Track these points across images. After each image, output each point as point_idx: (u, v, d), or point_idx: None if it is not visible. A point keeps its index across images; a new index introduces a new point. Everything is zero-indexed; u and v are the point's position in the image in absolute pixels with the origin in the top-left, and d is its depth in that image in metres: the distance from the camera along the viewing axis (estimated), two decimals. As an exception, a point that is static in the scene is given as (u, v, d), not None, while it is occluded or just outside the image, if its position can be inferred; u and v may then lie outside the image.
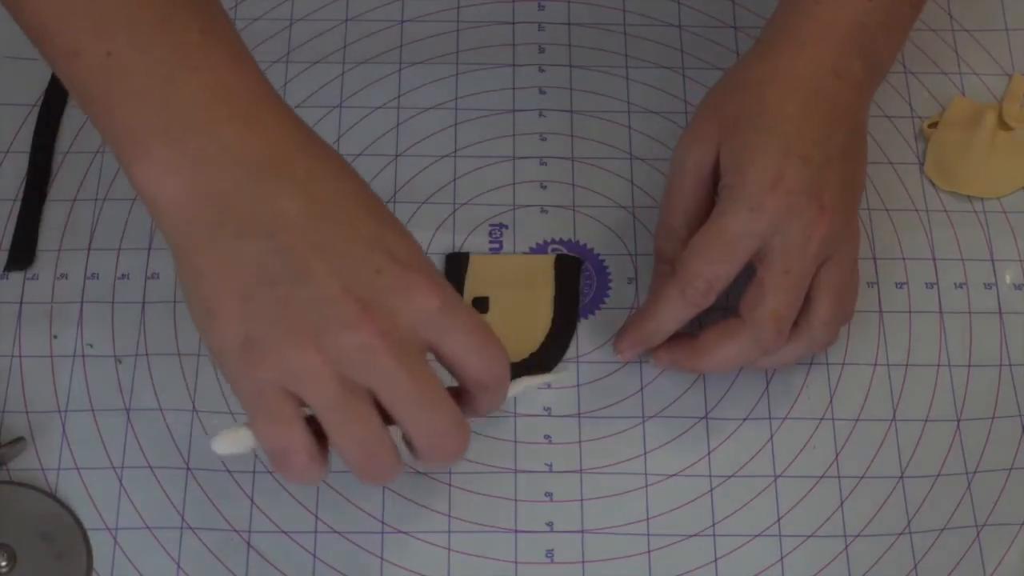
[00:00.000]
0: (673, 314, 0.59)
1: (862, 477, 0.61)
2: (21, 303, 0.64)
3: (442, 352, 0.51)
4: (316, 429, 0.50)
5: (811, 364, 0.64)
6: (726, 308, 0.59)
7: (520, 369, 0.63)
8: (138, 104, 0.50)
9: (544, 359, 0.63)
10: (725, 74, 0.61)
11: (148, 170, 0.50)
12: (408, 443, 0.51)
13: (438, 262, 0.65)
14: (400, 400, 0.49)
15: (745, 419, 0.62)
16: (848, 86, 0.59)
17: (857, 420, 0.62)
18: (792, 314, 0.57)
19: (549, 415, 0.62)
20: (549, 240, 0.67)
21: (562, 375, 0.63)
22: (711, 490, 0.61)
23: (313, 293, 0.48)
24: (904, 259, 0.66)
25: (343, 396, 0.48)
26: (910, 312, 0.65)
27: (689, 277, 0.57)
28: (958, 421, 0.62)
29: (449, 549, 0.59)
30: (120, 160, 0.51)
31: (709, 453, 0.62)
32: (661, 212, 0.61)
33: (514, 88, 0.70)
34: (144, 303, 0.64)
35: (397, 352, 0.48)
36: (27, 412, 0.62)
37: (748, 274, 0.57)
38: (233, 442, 0.51)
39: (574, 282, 0.65)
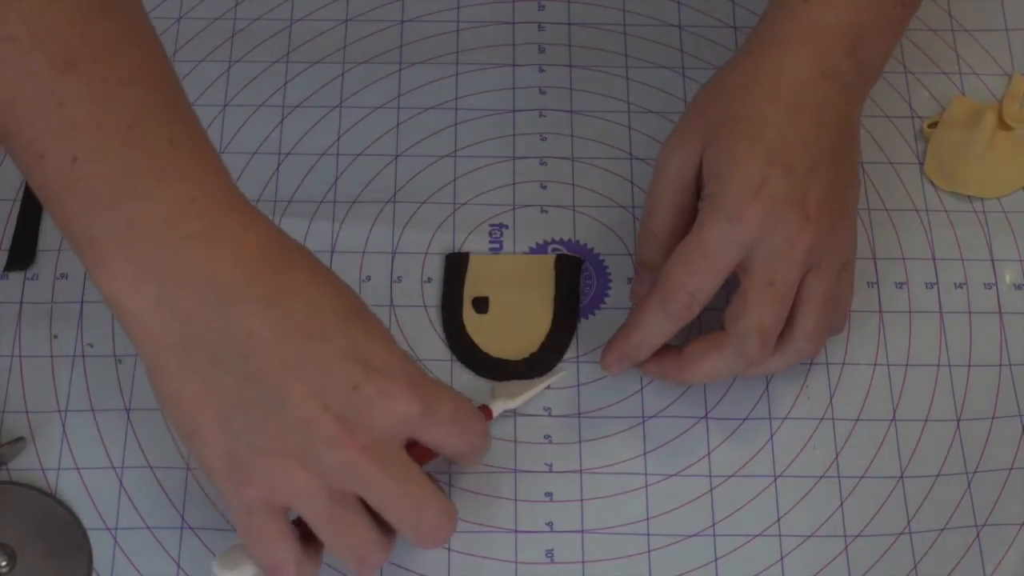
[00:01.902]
0: (657, 328, 0.58)
1: (862, 477, 0.61)
2: (21, 303, 0.64)
3: (423, 441, 0.52)
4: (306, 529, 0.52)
5: (811, 364, 0.63)
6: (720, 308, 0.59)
7: (519, 367, 0.63)
8: (101, 215, 0.49)
9: (544, 359, 0.63)
10: (712, 76, 0.60)
11: (110, 280, 0.49)
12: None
13: (438, 262, 0.66)
14: (389, 506, 0.51)
15: (745, 419, 0.62)
16: (837, 88, 0.58)
17: (857, 420, 0.62)
18: (777, 326, 0.57)
19: (549, 415, 0.62)
20: (549, 240, 0.67)
21: (560, 375, 0.63)
22: (711, 490, 0.61)
23: (292, 415, 0.49)
24: (904, 259, 0.66)
25: (332, 508, 0.50)
26: (910, 312, 0.65)
27: (671, 290, 0.56)
28: (958, 421, 0.62)
29: (449, 549, 0.59)
30: (83, 263, 0.50)
31: (709, 453, 0.62)
32: (644, 217, 0.60)
33: (514, 88, 0.70)
34: (144, 303, 0.64)
35: (381, 461, 0.50)
36: (27, 412, 0.62)
37: (734, 284, 0.57)
38: (234, 568, 0.53)
39: (574, 282, 0.65)
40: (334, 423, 0.49)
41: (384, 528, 0.52)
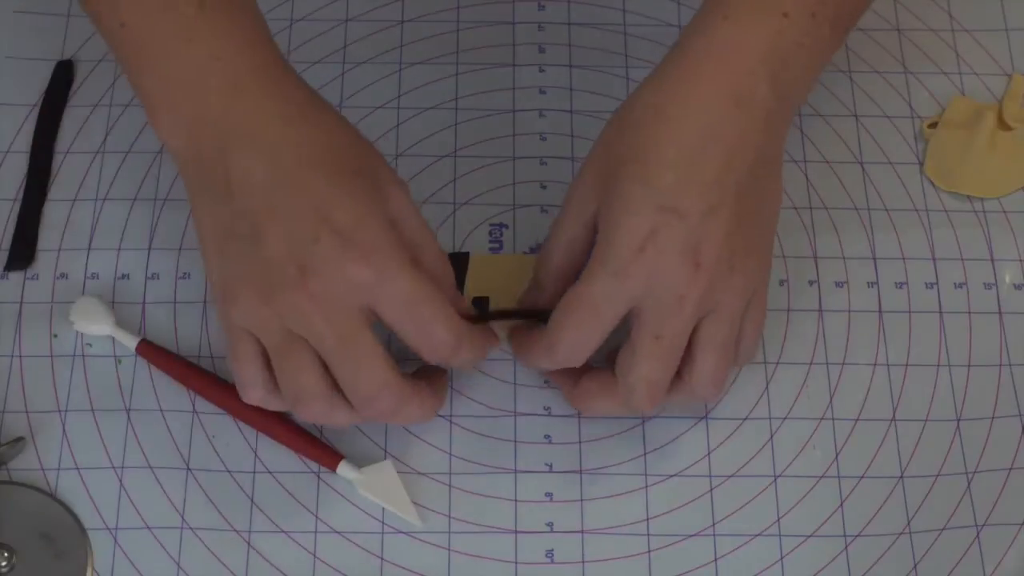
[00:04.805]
0: (543, 366, 0.58)
1: (862, 477, 0.61)
2: (21, 303, 0.64)
3: (382, 319, 0.54)
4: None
5: (811, 364, 0.64)
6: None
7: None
8: (147, 72, 0.56)
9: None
10: (624, 102, 0.58)
11: (158, 127, 0.56)
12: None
13: (438, 262, 0.65)
14: (328, 356, 0.54)
15: (745, 419, 0.62)
16: (751, 117, 0.55)
17: (857, 420, 0.62)
18: (665, 379, 0.56)
19: (549, 415, 0.62)
20: (549, 240, 0.66)
21: None
22: (711, 490, 0.61)
23: (266, 253, 0.53)
24: (904, 259, 0.66)
25: (284, 344, 0.54)
26: (910, 312, 0.65)
27: (555, 341, 0.56)
28: (958, 421, 0.63)
29: (449, 549, 0.59)
30: (146, 112, 0.57)
31: (709, 453, 0.62)
32: (546, 241, 0.60)
33: (514, 88, 0.70)
34: (144, 303, 0.64)
35: (328, 314, 0.53)
36: (27, 412, 0.62)
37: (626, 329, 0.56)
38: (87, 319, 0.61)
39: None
40: (294, 267, 0.53)
41: (335, 385, 0.55)
